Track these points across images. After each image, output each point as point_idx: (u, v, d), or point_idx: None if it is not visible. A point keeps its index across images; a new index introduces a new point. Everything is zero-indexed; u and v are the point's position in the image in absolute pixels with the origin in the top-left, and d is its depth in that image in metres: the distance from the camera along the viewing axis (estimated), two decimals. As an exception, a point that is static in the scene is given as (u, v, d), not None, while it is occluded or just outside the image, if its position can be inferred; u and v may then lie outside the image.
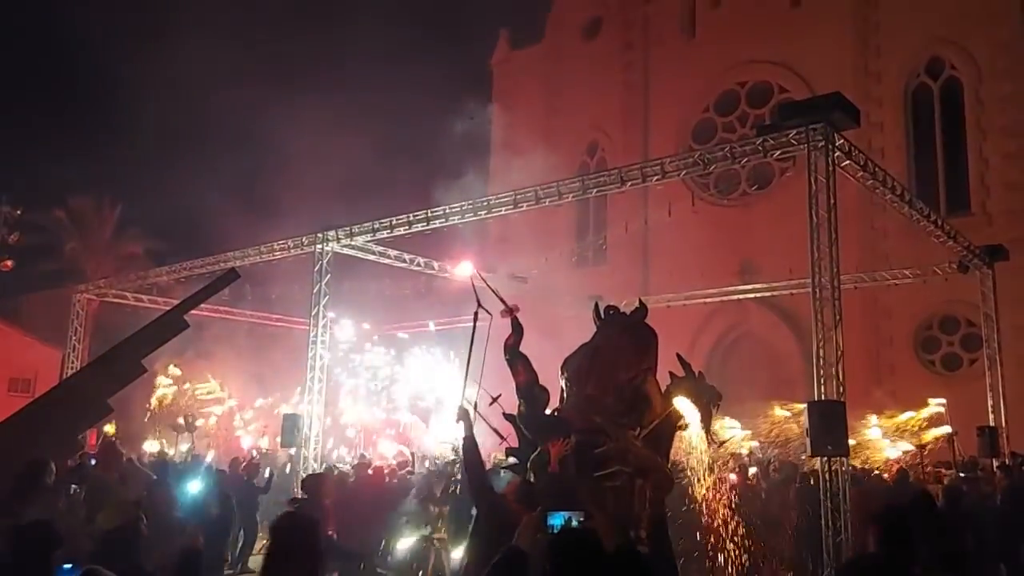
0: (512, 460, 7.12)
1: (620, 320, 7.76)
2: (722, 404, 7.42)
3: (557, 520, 4.73)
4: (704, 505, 8.11)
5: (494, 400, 7.49)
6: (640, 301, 7.96)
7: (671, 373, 7.28)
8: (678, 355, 7.54)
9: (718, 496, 8.22)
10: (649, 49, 29.30)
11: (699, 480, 8.28)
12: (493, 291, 7.82)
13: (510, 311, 7.49)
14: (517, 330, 7.35)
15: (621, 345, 7.41)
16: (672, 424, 7.35)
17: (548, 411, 7.45)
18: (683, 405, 7.14)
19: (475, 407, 7.18)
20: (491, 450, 9.34)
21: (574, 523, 4.71)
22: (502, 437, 7.65)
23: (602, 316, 8.02)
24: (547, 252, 23.48)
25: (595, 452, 6.57)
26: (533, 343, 7.60)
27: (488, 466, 9.14)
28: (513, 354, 7.29)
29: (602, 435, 6.85)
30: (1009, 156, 21.96)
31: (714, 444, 7.74)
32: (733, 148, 12.03)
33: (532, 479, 6.77)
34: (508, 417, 7.33)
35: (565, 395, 7.47)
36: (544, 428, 6.97)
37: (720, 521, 8.17)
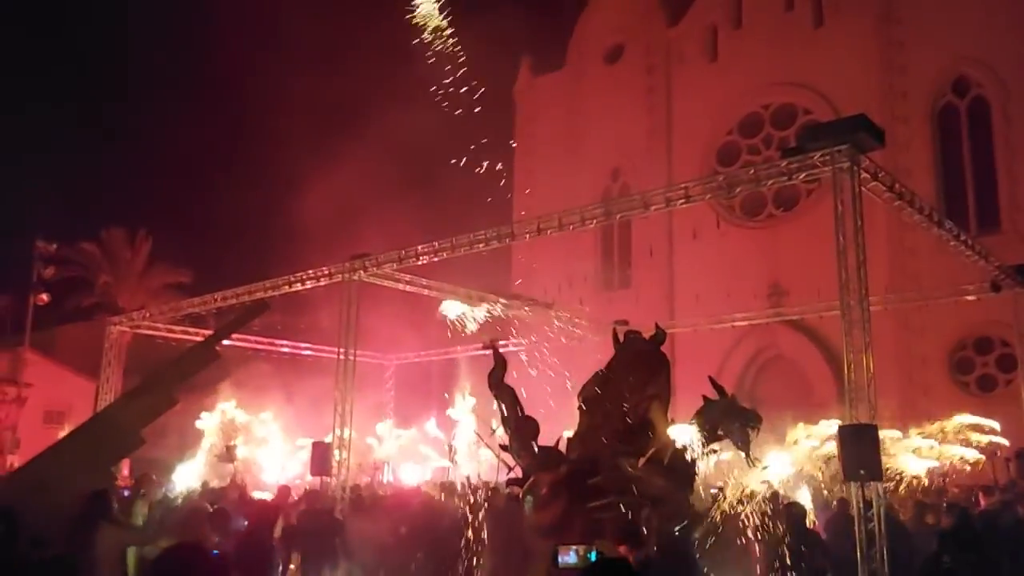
0: (515, 489, 7.10)
1: (634, 345, 7.72)
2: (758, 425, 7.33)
3: (570, 558, 4.67)
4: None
5: (493, 432, 7.50)
6: (657, 326, 7.91)
7: (704, 397, 7.22)
8: (710, 378, 7.50)
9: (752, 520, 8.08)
10: (671, 73, 29.41)
11: (736, 504, 8.19)
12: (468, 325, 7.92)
13: (490, 345, 7.60)
14: (499, 363, 7.36)
15: (629, 372, 7.37)
16: (682, 454, 7.25)
17: (567, 437, 7.40)
18: (693, 431, 7.05)
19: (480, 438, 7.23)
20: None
21: (592, 556, 4.66)
22: (509, 467, 7.62)
23: (620, 341, 7.99)
24: (571, 277, 23.53)
25: (588, 483, 6.51)
26: (557, 368, 7.61)
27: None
28: (498, 387, 7.30)
29: (596, 465, 6.79)
30: (1039, 173, 21.69)
31: (754, 467, 7.64)
32: (758, 171, 12.00)
33: (528, 512, 6.72)
34: (504, 448, 7.29)
35: (579, 422, 7.44)
36: (537, 458, 6.94)
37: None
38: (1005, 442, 15.65)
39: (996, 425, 15.96)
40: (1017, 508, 11.19)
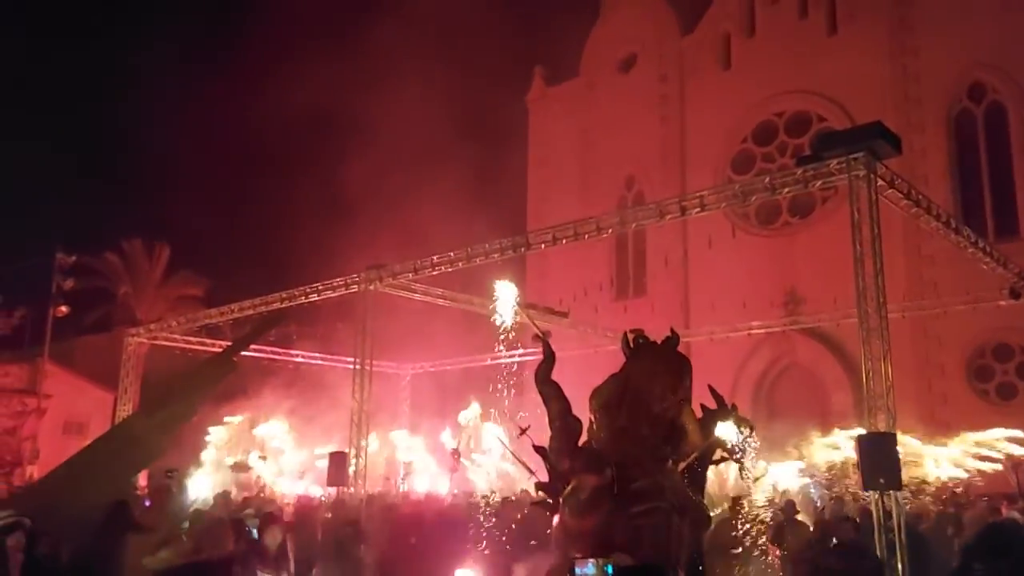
0: (542, 495, 6.96)
1: (651, 349, 7.65)
2: (754, 435, 7.28)
3: (589, 569, 4.63)
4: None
5: (523, 432, 7.35)
6: (672, 330, 7.86)
7: (703, 406, 7.17)
8: (710, 387, 7.44)
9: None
10: (685, 82, 29.40)
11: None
12: (528, 318, 7.76)
13: (541, 337, 7.31)
14: (548, 357, 7.16)
15: (654, 374, 7.28)
16: (708, 458, 7.21)
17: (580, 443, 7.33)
18: (723, 436, 7.01)
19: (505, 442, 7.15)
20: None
21: (609, 569, 4.61)
22: (531, 471, 7.52)
23: (631, 346, 7.93)
24: (586, 285, 23.52)
25: (632, 487, 6.41)
26: (573, 377, 7.55)
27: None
28: (544, 382, 7.13)
29: (638, 468, 6.70)
30: (1058, 179, 21.51)
31: (747, 479, 7.57)
32: (773, 179, 12.00)
33: (567, 517, 6.63)
34: (538, 450, 7.19)
35: (594, 426, 7.35)
36: (580, 460, 6.81)
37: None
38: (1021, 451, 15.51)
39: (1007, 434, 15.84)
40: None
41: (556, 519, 6.61)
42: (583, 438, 7.30)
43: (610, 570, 4.56)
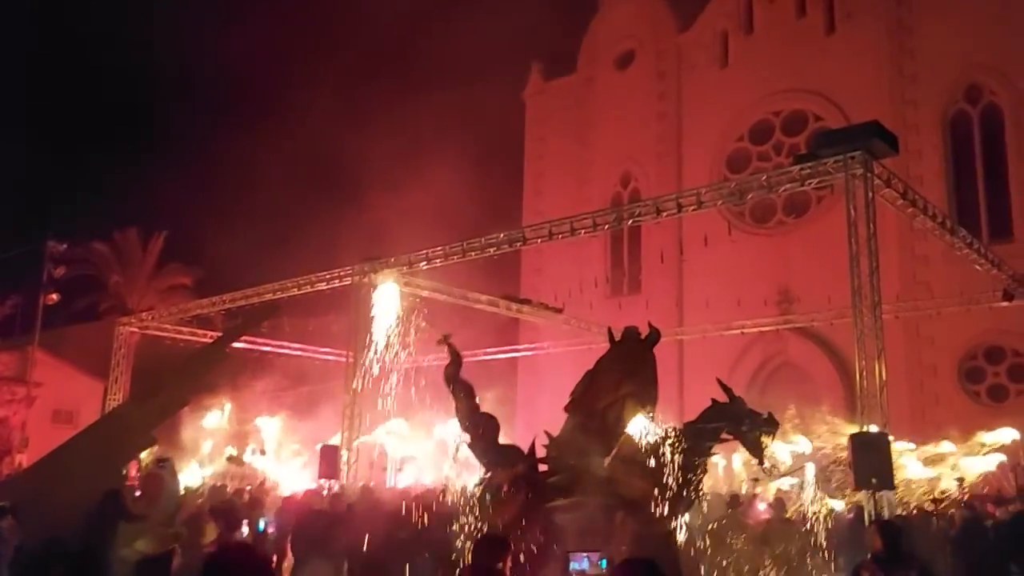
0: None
1: (619, 346, 7.68)
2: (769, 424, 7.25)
3: (583, 564, 4.69)
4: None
5: (444, 340, 7.51)
6: (650, 325, 7.84)
7: (713, 399, 7.17)
8: (718, 380, 7.45)
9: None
10: (682, 79, 29.37)
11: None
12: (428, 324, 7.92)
13: (444, 340, 7.50)
14: (454, 359, 7.28)
15: (609, 370, 7.34)
16: (700, 453, 7.19)
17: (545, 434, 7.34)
18: (636, 429, 6.94)
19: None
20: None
21: (603, 564, 4.65)
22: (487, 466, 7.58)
23: (615, 340, 7.94)
24: (581, 282, 23.50)
25: (547, 482, 6.46)
26: (567, 373, 7.56)
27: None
28: (453, 381, 7.24)
29: (560, 464, 6.74)
30: (1052, 182, 21.56)
31: (766, 471, 7.55)
32: (770, 177, 11.99)
33: (488, 506, 6.67)
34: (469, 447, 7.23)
35: (564, 423, 7.40)
36: (493, 457, 6.90)
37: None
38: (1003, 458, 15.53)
39: (1016, 435, 15.85)
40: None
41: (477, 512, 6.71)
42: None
43: (604, 565, 4.59)
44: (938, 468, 14.77)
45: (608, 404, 7.09)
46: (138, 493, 10.32)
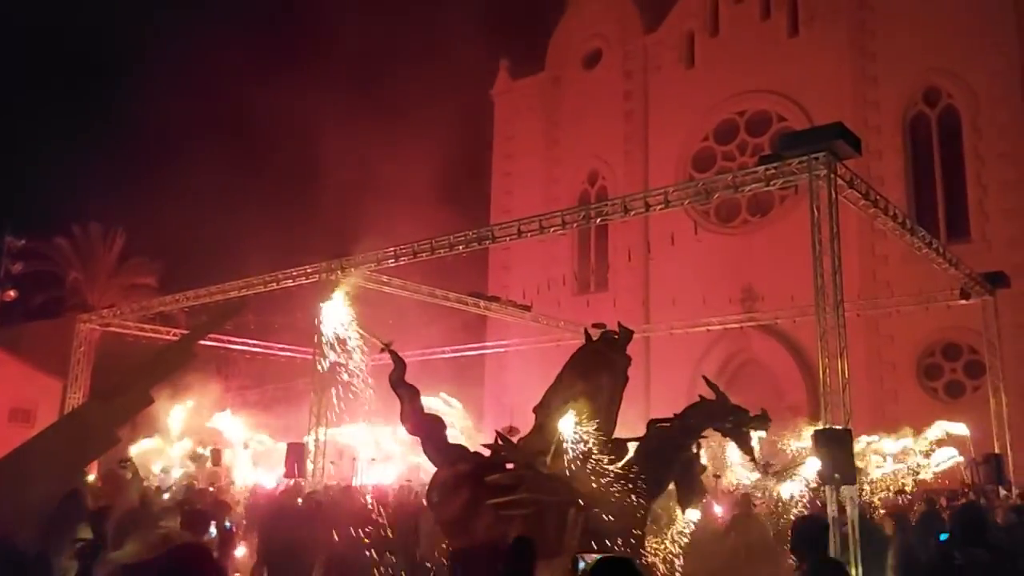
0: None
1: (586, 346, 7.78)
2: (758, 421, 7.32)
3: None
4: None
5: (385, 348, 7.68)
6: (620, 325, 7.93)
7: (700, 396, 7.26)
8: (704, 378, 7.56)
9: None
10: (649, 79, 29.60)
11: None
12: (368, 334, 8.08)
13: (386, 347, 7.68)
14: (398, 364, 7.44)
15: (571, 371, 7.46)
16: (675, 449, 7.28)
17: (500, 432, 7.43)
18: (565, 428, 7.05)
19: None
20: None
21: None
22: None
23: (591, 340, 8.02)
24: (549, 279, 23.58)
25: (487, 480, 6.56)
26: (535, 370, 7.63)
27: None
28: (399, 385, 7.37)
29: (502, 462, 6.84)
30: (1008, 183, 22.08)
31: (758, 468, 7.62)
32: (736, 177, 12.13)
33: (432, 508, 6.80)
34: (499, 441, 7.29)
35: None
36: (439, 456, 7.02)
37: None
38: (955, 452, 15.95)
39: (965, 431, 16.26)
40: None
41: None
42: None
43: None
44: (896, 464, 15.10)
45: (563, 402, 7.18)
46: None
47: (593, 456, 6.92)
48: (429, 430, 7.19)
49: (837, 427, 9.72)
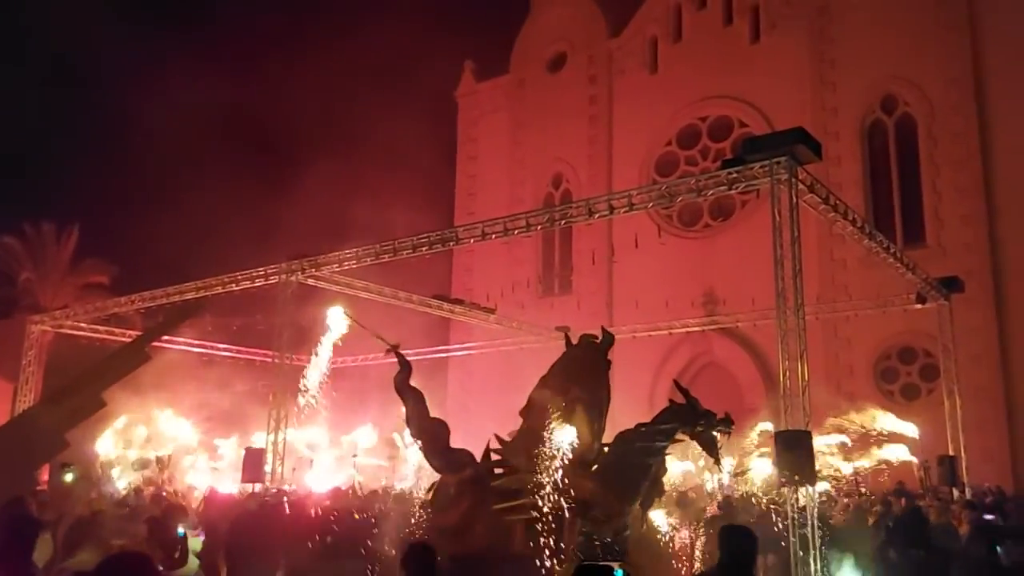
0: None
1: (571, 351, 7.79)
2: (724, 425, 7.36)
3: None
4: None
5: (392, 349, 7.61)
6: (603, 329, 7.96)
7: (671, 400, 7.28)
8: (675, 381, 7.59)
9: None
10: (613, 83, 29.76)
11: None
12: (377, 334, 7.96)
13: (393, 349, 7.63)
14: (404, 367, 7.38)
15: (555, 375, 7.45)
16: (653, 453, 7.31)
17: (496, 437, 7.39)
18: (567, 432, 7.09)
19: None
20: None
21: (619, 573, 4.66)
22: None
23: (572, 344, 8.03)
24: (513, 282, 23.56)
25: (495, 485, 6.55)
26: (499, 374, 7.61)
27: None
28: (403, 389, 7.31)
29: (508, 468, 6.82)
30: (962, 189, 22.55)
31: (719, 471, 7.64)
32: (699, 180, 12.19)
33: (432, 513, 6.75)
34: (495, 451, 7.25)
35: (519, 427, 7.46)
36: (443, 461, 6.98)
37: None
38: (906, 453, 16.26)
39: (915, 431, 16.55)
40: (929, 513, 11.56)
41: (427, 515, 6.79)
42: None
43: (620, 574, 4.60)
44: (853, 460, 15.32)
45: (557, 408, 7.16)
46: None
47: (587, 461, 6.93)
48: (432, 435, 7.10)
49: (798, 428, 9.80)
